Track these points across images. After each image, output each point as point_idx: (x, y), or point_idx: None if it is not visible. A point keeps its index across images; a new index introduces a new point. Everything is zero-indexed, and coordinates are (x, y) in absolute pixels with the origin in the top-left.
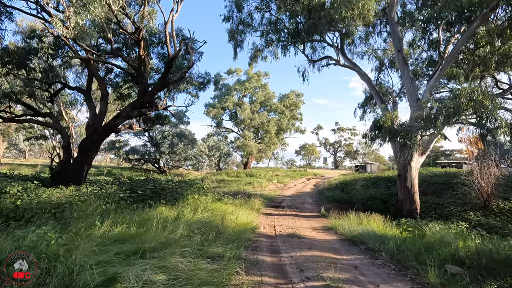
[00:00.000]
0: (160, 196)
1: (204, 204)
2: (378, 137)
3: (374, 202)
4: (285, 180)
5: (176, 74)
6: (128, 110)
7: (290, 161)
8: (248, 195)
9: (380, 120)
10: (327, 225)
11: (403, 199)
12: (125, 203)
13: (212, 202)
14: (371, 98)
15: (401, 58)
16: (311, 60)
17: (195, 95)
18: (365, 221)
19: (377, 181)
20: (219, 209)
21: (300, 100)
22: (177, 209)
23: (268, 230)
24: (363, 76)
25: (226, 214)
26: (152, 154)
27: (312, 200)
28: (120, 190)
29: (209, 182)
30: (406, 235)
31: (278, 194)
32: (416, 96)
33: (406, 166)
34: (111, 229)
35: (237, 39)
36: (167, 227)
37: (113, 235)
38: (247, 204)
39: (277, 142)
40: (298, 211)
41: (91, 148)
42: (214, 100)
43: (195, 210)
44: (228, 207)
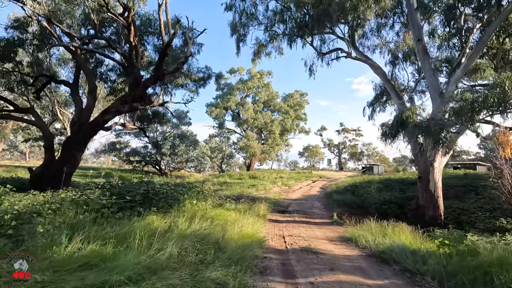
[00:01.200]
0: (152, 202)
1: (203, 210)
2: (400, 134)
3: (389, 206)
4: (290, 182)
5: (174, 66)
6: (117, 105)
7: (293, 162)
8: (252, 199)
9: (403, 115)
10: (344, 235)
11: (425, 203)
12: (108, 212)
13: (212, 208)
14: (381, 96)
15: (421, 48)
16: (320, 53)
17: (195, 91)
18: (389, 230)
19: (390, 184)
20: (220, 216)
21: (305, 100)
22: (170, 218)
23: (278, 243)
24: (377, 70)
25: (228, 224)
26: (153, 156)
27: (321, 204)
28: (104, 195)
29: (211, 184)
30: (447, 251)
31: (284, 198)
32: (439, 90)
33: (428, 167)
34: (82, 247)
35: (240, 32)
36: (153, 244)
37: (82, 256)
38: (252, 209)
39: (281, 143)
40: (307, 217)
41: (75, 148)
42: (216, 100)
43: (192, 218)
44: (230, 214)
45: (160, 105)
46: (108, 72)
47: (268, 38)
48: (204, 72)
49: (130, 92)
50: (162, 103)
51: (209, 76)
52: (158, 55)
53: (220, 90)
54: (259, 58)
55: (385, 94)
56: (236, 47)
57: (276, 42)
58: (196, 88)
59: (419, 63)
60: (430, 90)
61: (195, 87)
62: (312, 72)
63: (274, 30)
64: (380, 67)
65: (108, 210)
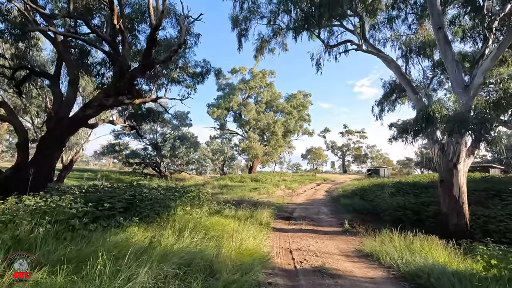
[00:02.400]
0: (137, 210)
1: (197, 219)
2: (425, 130)
3: (404, 213)
4: (293, 185)
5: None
6: (101, 98)
7: (296, 165)
8: (254, 204)
9: (429, 109)
10: (361, 249)
11: (448, 211)
12: (79, 223)
13: (209, 216)
14: (391, 94)
15: (442, 37)
16: (328, 46)
17: (192, 86)
18: (417, 244)
19: (401, 188)
20: (217, 226)
21: (308, 100)
22: (155, 230)
23: (285, 260)
24: (390, 64)
25: (225, 236)
26: (152, 158)
27: (328, 209)
28: (77, 202)
29: (211, 187)
30: (497, 273)
31: (288, 202)
32: (463, 83)
33: (452, 170)
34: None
35: (241, 27)
36: (122, 269)
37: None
38: (253, 217)
39: (284, 144)
40: (315, 225)
41: (52, 146)
42: (218, 100)
43: (182, 230)
44: (229, 222)
45: (153, 101)
46: (97, 66)
47: (271, 33)
48: (202, 66)
49: (114, 83)
50: (154, 98)
51: (207, 70)
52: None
53: (221, 91)
54: (261, 55)
55: (395, 91)
56: (238, 42)
57: (280, 38)
58: (194, 84)
59: (440, 54)
60: (453, 83)
61: (193, 83)
62: (319, 67)
63: (277, 24)
64: (394, 61)
65: (80, 221)
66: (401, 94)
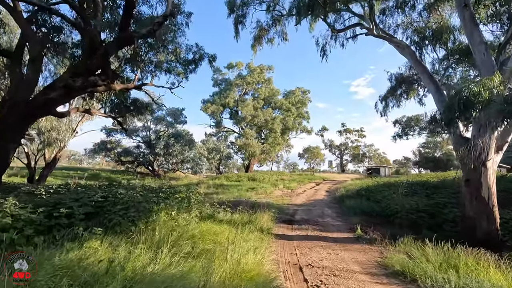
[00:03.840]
0: (105, 217)
1: (184, 226)
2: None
3: (418, 216)
4: (292, 185)
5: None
6: (67, 78)
7: (293, 164)
8: (252, 206)
9: (470, 92)
10: (385, 263)
11: (475, 214)
12: (16, 235)
13: (199, 222)
14: (398, 87)
15: (469, 17)
16: (335, 30)
17: (183, 73)
18: (461, 260)
19: (411, 188)
20: (208, 235)
21: (307, 97)
22: (127, 244)
23: (296, 284)
24: (404, 50)
25: (217, 250)
26: (146, 156)
27: (332, 211)
28: (23, 207)
29: (205, 187)
30: None
31: (288, 203)
32: (493, 67)
33: (480, 168)
34: None
35: (238, 13)
36: None
37: None
38: (252, 221)
39: (282, 142)
40: (322, 230)
41: (5, 136)
42: (213, 96)
43: (162, 243)
44: (223, 230)
45: (137, 88)
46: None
47: (271, 20)
48: (194, 52)
49: (84, 60)
50: (138, 85)
51: (200, 57)
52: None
53: (217, 86)
54: (260, 45)
55: (401, 85)
56: (235, 29)
57: (280, 26)
58: (185, 71)
59: (466, 37)
60: (481, 68)
61: (184, 70)
62: (325, 54)
63: (277, 10)
64: (408, 46)
65: (20, 233)
66: (409, 88)
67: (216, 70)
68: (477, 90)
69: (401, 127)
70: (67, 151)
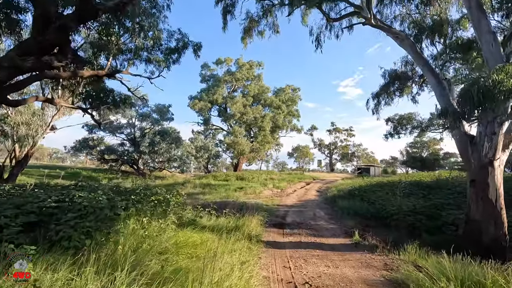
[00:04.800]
0: (51, 229)
1: (156, 237)
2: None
3: (416, 218)
4: (282, 184)
5: None
6: (13, 57)
7: (282, 163)
8: (239, 207)
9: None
10: (395, 279)
11: (481, 218)
12: None
13: (177, 230)
14: (392, 84)
15: (475, 4)
16: (330, 19)
17: (163, 61)
18: (488, 279)
19: (404, 188)
20: (185, 247)
21: (297, 95)
22: (73, 265)
23: None
24: (403, 41)
25: (194, 269)
26: (130, 154)
27: (325, 213)
28: None
29: (191, 187)
30: None
31: (278, 204)
32: (502, 59)
33: (486, 167)
34: None
35: (227, 1)
36: None
37: None
38: (239, 227)
39: (272, 140)
40: (316, 235)
41: None
42: (201, 93)
43: (122, 261)
44: (205, 239)
45: (109, 76)
46: None
47: (261, 12)
48: (177, 39)
49: (36, 35)
50: (111, 72)
51: (184, 45)
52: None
53: (205, 82)
54: (250, 37)
55: (396, 81)
56: (223, 19)
57: (271, 18)
58: (166, 61)
59: (472, 27)
60: (489, 60)
61: (165, 59)
62: (319, 43)
63: None
64: (408, 37)
65: None
66: (403, 85)
67: (204, 66)
68: (499, 79)
69: (393, 125)
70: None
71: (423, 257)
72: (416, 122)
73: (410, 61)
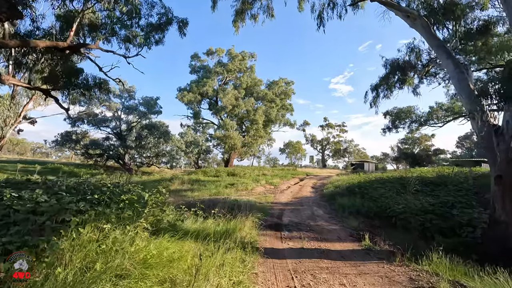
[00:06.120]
0: None
1: (117, 251)
2: None
3: (426, 217)
4: (275, 180)
5: None
6: None
7: (273, 159)
8: (231, 206)
9: None
10: None
11: (508, 219)
12: None
13: (148, 240)
14: (393, 74)
15: None
16: None
17: (143, 39)
18: None
19: (406, 184)
20: (156, 266)
21: (290, 88)
22: None
23: None
24: (415, 21)
25: None
26: (116, 149)
27: (324, 211)
28: None
29: (178, 183)
30: None
31: (272, 201)
32: None
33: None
34: None
35: None
36: None
37: None
38: (230, 232)
39: (264, 135)
40: (318, 238)
41: None
42: (190, 85)
43: None
44: (185, 250)
45: (72, 49)
46: None
47: None
48: (160, 14)
49: None
50: (75, 45)
51: (168, 21)
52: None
53: (195, 73)
54: (242, 21)
55: (397, 72)
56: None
57: (265, 0)
58: (147, 39)
59: (500, 4)
60: None
61: (145, 37)
62: (322, 22)
63: None
64: (421, 16)
65: None
66: (404, 75)
67: (194, 56)
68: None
69: (391, 119)
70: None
71: (453, 269)
72: (414, 116)
73: (416, 47)
